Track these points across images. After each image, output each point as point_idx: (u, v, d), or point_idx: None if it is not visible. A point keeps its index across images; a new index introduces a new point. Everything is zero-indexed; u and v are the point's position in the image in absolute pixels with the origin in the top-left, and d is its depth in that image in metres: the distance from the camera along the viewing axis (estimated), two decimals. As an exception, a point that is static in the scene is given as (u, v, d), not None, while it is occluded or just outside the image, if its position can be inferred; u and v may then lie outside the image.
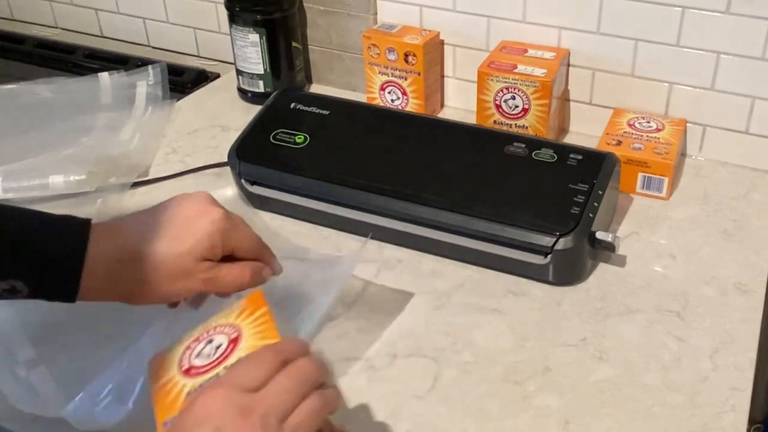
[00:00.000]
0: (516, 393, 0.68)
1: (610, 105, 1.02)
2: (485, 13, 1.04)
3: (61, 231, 0.58)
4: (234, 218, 0.63)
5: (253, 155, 0.91)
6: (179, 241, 0.59)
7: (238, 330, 0.57)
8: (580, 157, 0.84)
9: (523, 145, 0.86)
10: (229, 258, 0.63)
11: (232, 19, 1.10)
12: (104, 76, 1.15)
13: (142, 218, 0.61)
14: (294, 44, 1.13)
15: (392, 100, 1.10)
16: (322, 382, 0.52)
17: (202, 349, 0.57)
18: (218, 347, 0.56)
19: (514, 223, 0.79)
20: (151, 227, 0.60)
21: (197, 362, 0.56)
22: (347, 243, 0.86)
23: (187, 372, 0.55)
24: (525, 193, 0.82)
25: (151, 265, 0.59)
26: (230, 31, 1.11)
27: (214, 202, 0.63)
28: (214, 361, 0.55)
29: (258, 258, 0.65)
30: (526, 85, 0.96)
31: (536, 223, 0.79)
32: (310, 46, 1.18)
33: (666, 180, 0.91)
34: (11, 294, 0.56)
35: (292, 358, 0.52)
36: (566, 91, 1.04)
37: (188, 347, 0.58)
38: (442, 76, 1.11)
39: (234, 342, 0.56)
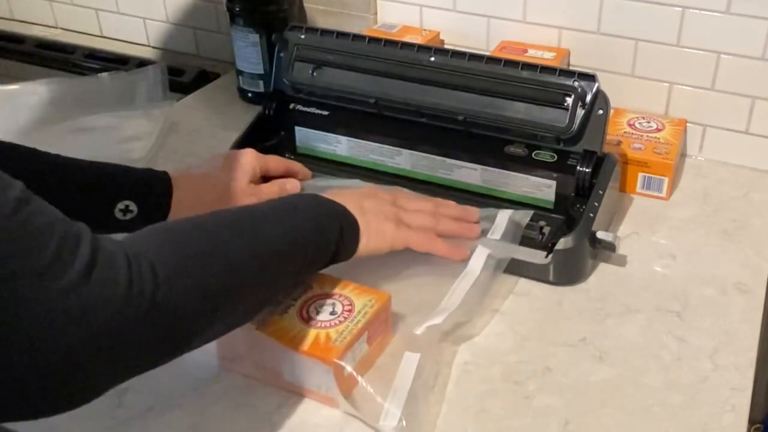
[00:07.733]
0: (516, 393, 0.68)
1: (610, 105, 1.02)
2: (485, 13, 1.04)
3: (147, 171, 0.78)
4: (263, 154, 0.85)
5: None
6: (232, 172, 0.81)
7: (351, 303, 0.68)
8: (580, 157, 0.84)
9: (523, 145, 0.86)
10: (266, 179, 0.84)
11: (232, 19, 1.09)
12: (104, 76, 1.15)
13: (202, 165, 0.82)
14: (294, 44, 1.13)
15: (392, 100, 1.10)
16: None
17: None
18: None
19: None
20: (210, 166, 0.82)
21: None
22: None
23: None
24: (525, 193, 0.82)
25: (215, 188, 0.80)
26: (230, 31, 1.11)
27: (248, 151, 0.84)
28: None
29: (286, 172, 0.86)
30: (526, 85, 0.96)
31: (537, 222, 0.78)
32: (310, 46, 1.18)
33: (666, 180, 0.91)
34: (124, 215, 0.74)
35: None
36: (566, 91, 1.04)
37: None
38: (442, 76, 1.11)
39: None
